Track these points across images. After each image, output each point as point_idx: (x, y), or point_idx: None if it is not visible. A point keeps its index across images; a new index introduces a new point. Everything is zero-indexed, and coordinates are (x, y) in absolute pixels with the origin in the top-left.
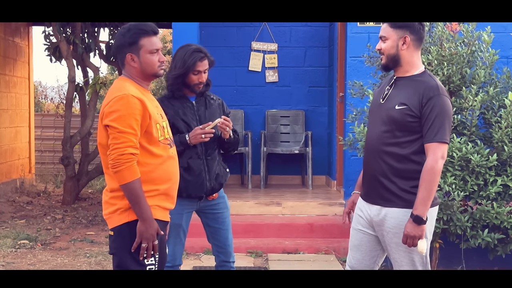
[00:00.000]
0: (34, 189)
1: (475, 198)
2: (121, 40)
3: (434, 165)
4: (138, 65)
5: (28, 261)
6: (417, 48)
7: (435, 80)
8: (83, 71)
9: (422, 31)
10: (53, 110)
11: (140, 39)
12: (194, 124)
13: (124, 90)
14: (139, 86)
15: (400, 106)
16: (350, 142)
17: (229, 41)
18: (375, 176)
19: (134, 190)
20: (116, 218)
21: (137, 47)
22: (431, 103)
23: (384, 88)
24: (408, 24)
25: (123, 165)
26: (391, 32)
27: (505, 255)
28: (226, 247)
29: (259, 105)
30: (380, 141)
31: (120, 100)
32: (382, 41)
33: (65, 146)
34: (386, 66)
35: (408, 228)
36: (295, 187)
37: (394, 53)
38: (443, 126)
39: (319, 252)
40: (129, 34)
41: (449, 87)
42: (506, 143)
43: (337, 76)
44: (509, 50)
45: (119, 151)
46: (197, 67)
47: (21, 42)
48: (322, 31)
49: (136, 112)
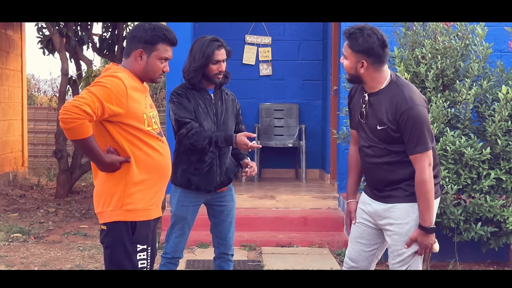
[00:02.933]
0: (27, 182)
1: (468, 192)
2: (141, 33)
3: (423, 176)
4: (143, 64)
5: (21, 255)
6: (378, 68)
7: (403, 90)
8: (76, 64)
9: (382, 51)
10: (46, 103)
11: (159, 43)
12: (212, 117)
13: (113, 72)
14: (133, 76)
15: (381, 126)
16: (344, 136)
17: (223, 34)
18: (378, 181)
19: (84, 146)
20: (109, 214)
21: (151, 48)
22: (404, 117)
23: (358, 102)
24: (366, 49)
25: (73, 122)
26: (350, 53)
27: (497, 248)
28: (227, 240)
29: (253, 99)
30: (373, 154)
31: (107, 77)
32: (344, 57)
33: (58, 139)
34: (350, 81)
35: (420, 238)
36: (289, 181)
37: (354, 73)
38: (422, 135)
39: (312, 246)
40: (151, 32)
41: (443, 81)
42: (499, 137)
43: (331, 69)
44: (502, 43)
45: (74, 103)
46: (215, 56)
47: (14, 34)
48: (316, 25)
49: (110, 87)
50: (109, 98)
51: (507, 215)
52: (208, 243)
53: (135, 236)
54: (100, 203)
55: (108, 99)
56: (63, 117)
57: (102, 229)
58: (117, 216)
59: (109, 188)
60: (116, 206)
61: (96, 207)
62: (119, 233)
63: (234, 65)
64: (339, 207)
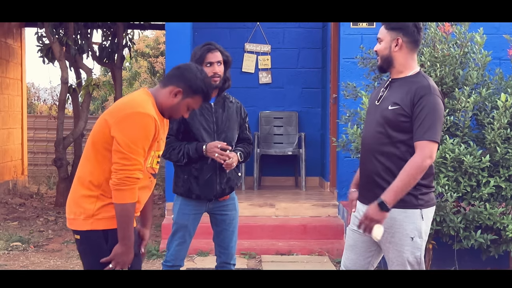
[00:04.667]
0: (27, 190)
1: (468, 199)
2: (191, 77)
3: (420, 162)
4: (173, 103)
5: (20, 263)
6: (411, 50)
7: (427, 80)
8: (76, 72)
9: (417, 34)
10: (46, 111)
11: (199, 94)
12: (211, 126)
13: (144, 108)
14: (157, 110)
15: (393, 106)
16: (343, 144)
17: (222, 42)
18: (371, 176)
19: (127, 211)
20: (82, 222)
21: (189, 95)
22: (422, 101)
23: (380, 90)
24: (401, 26)
25: (126, 186)
26: (385, 33)
27: (497, 255)
28: (229, 249)
29: (253, 107)
30: (375, 141)
31: (138, 117)
32: (378, 43)
33: (58, 148)
34: (381, 67)
35: (370, 210)
36: (289, 189)
37: (387, 54)
38: (434, 125)
39: (312, 254)
40: (200, 83)
41: (442, 88)
42: (498, 144)
43: (330, 77)
44: (501, 51)
45: (128, 173)
46: (207, 58)
47: (14, 43)
48: (315, 33)
49: (149, 134)
50: (148, 142)
51: (507, 223)
52: (208, 251)
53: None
54: (76, 210)
55: (147, 144)
56: (118, 188)
57: (76, 238)
58: (95, 225)
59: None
60: (88, 215)
61: (69, 213)
62: (93, 245)
63: (234, 73)
64: (338, 215)
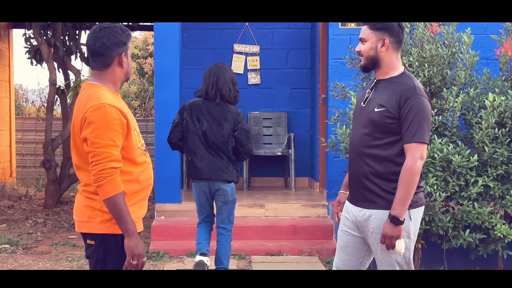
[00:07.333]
0: (16, 193)
1: (456, 199)
2: (116, 39)
3: (413, 165)
4: (126, 67)
5: (9, 266)
6: (396, 50)
7: (413, 81)
8: (64, 74)
9: (401, 34)
10: (34, 113)
11: (129, 40)
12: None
13: (100, 99)
14: (113, 92)
15: (379, 108)
16: (333, 144)
17: (211, 43)
18: (359, 178)
19: (117, 205)
20: (98, 225)
21: (126, 48)
22: (409, 103)
23: (366, 91)
24: (387, 26)
25: (104, 179)
26: (370, 34)
27: (486, 255)
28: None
29: (242, 107)
30: (362, 143)
31: (97, 111)
32: (361, 43)
33: (47, 150)
34: (365, 67)
35: (386, 228)
36: (278, 189)
37: (373, 55)
38: (421, 126)
39: (302, 254)
40: (123, 34)
41: (430, 88)
42: (486, 144)
43: (319, 78)
44: (489, 51)
45: (100, 166)
46: None
47: (1, 45)
48: (304, 33)
49: (114, 122)
50: (115, 131)
51: (495, 222)
52: None
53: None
54: (87, 212)
55: (115, 133)
56: (97, 184)
57: (89, 243)
58: (109, 229)
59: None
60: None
61: (81, 216)
62: (108, 249)
63: None
64: (328, 215)
